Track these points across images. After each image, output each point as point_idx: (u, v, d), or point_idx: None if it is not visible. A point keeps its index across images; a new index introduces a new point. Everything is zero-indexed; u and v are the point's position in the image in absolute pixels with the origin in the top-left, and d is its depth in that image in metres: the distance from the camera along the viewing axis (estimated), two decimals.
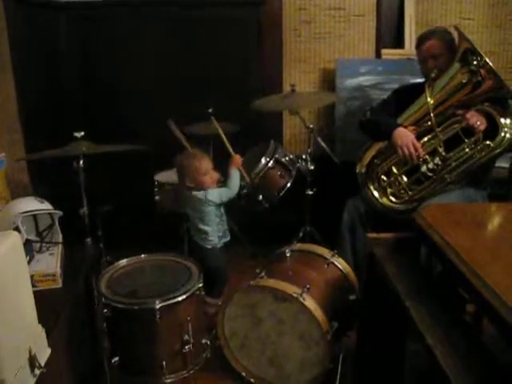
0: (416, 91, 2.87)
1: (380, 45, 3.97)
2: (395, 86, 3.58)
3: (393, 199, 2.96)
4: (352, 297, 2.56)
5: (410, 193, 2.90)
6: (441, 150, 2.74)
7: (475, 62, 2.53)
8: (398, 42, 3.91)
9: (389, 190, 2.97)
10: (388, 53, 3.90)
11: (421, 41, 2.99)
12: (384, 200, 2.97)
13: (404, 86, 3.34)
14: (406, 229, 1.99)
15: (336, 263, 2.64)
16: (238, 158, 2.98)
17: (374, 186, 2.99)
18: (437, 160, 2.75)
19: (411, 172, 2.89)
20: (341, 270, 2.63)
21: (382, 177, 2.97)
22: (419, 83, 3.04)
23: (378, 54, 3.97)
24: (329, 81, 4.01)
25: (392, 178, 2.95)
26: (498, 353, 1.32)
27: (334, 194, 3.29)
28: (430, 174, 2.79)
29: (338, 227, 3.13)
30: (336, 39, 3.99)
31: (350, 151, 3.75)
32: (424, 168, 2.79)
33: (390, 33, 3.97)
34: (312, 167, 3.26)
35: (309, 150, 3.29)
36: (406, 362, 2.18)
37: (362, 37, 3.99)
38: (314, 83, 4.07)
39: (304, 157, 3.29)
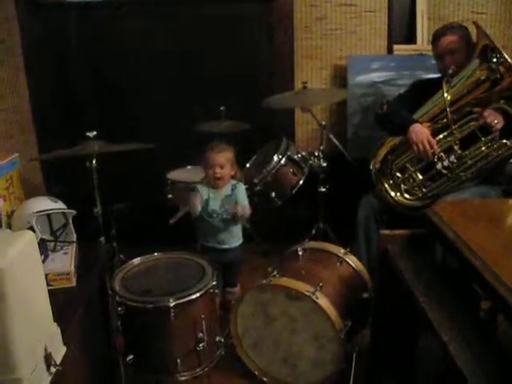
0: (434, 86, 2.84)
1: (392, 40, 3.94)
2: (408, 81, 3.57)
3: (407, 196, 2.94)
4: (365, 295, 2.55)
5: (424, 190, 2.88)
6: (456, 147, 2.72)
7: (494, 59, 2.50)
8: (410, 38, 3.88)
9: (403, 187, 2.95)
10: (400, 48, 3.88)
11: (437, 36, 2.96)
12: (398, 196, 2.96)
13: (422, 80, 3.32)
14: (421, 225, 1.98)
15: (349, 261, 2.63)
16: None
17: (388, 182, 2.98)
18: (452, 158, 2.72)
19: (426, 169, 2.87)
20: (354, 268, 2.62)
21: (397, 173, 2.96)
22: (437, 78, 3.01)
23: (390, 50, 3.95)
24: (340, 77, 4.00)
25: (406, 175, 2.93)
26: None
27: (346, 191, 3.29)
28: (444, 172, 2.77)
29: (352, 224, 3.12)
30: (348, 35, 3.97)
31: (363, 148, 3.74)
32: (439, 165, 2.77)
33: (402, 28, 3.95)
34: (324, 164, 3.25)
35: (321, 147, 3.29)
36: (420, 359, 2.17)
37: (373, 33, 3.97)
38: (325, 80, 4.06)
39: (316, 154, 3.29)
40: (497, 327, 1.41)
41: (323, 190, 3.30)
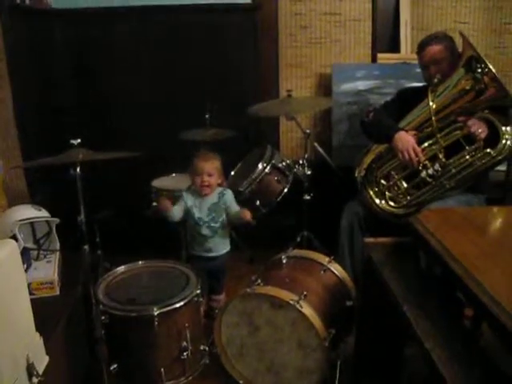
0: (419, 94, 2.86)
1: (376, 49, 3.98)
2: (391, 90, 3.59)
3: (391, 203, 2.95)
4: (349, 303, 2.55)
5: (408, 197, 2.89)
6: (441, 156, 2.74)
7: (479, 69, 2.52)
8: (394, 47, 3.92)
9: (387, 194, 2.96)
10: (384, 57, 3.91)
11: (422, 46, 2.97)
12: (383, 204, 2.97)
13: (407, 88, 3.34)
14: (405, 233, 1.99)
15: (333, 269, 2.63)
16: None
17: (373, 189, 2.98)
18: (437, 166, 2.74)
19: (411, 177, 2.89)
20: (337, 276, 2.62)
21: (381, 181, 2.97)
22: (422, 86, 3.04)
23: (374, 59, 3.98)
24: (325, 86, 4.02)
25: (391, 183, 2.94)
26: (497, 357, 1.32)
27: (331, 199, 3.30)
28: (429, 180, 2.78)
29: (337, 232, 3.13)
30: (332, 44, 4.00)
31: (347, 156, 3.76)
32: (424, 174, 2.78)
33: (386, 37, 3.98)
34: (309, 172, 3.26)
35: (305, 155, 3.30)
36: (405, 366, 2.18)
37: (357, 41, 4.00)
38: (310, 88, 4.08)
39: (301, 162, 3.30)
40: (480, 335, 1.42)
41: (308, 198, 3.31)
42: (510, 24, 4.00)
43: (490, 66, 2.48)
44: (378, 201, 2.97)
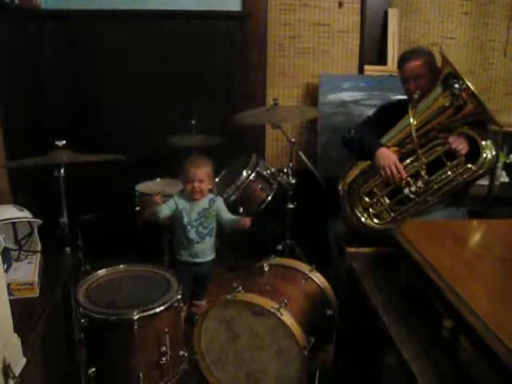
0: (401, 109, 2.86)
1: (363, 61, 4.01)
2: (377, 102, 3.62)
3: (375, 220, 2.94)
4: (329, 312, 2.56)
5: (392, 214, 2.89)
6: (423, 173, 2.74)
7: (457, 86, 2.54)
8: (381, 59, 3.95)
9: (371, 211, 2.95)
10: (371, 69, 3.94)
11: (402, 61, 2.98)
12: (367, 221, 2.95)
13: (389, 102, 3.36)
14: (388, 245, 2.00)
15: (314, 278, 2.64)
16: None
17: (357, 206, 2.96)
18: (419, 183, 2.74)
19: (393, 193, 2.89)
20: (318, 285, 2.63)
21: (365, 198, 2.95)
22: (404, 100, 3.05)
23: (361, 70, 4.01)
24: (312, 96, 4.04)
25: (374, 200, 2.93)
26: (475, 369, 1.33)
27: (314, 208, 3.31)
28: (412, 196, 2.79)
29: (319, 241, 3.13)
30: (320, 55, 4.03)
31: (332, 165, 3.76)
32: (407, 191, 2.78)
33: (373, 49, 4.01)
34: (293, 181, 3.27)
35: (290, 164, 3.31)
36: (383, 377, 2.19)
37: (345, 53, 4.03)
38: (297, 98, 4.10)
39: (285, 170, 3.31)
40: (459, 346, 1.43)
41: (291, 206, 3.31)
42: (494, 41, 4.06)
43: (468, 83, 2.50)
44: (362, 218, 2.96)
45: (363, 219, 2.95)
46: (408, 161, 2.79)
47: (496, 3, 3.98)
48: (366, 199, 2.95)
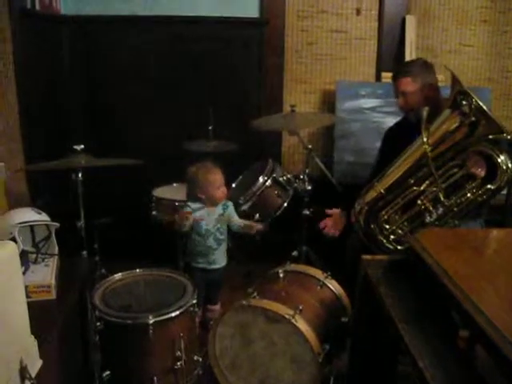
0: (404, 128, 2.84)
1: (380, 68, 4.00)
2: (394, 109, 3.60)
3: (396, 245, 2.83)
4: (344, 319, 2.55)
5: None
6: (442, 197, 2.65)
7: (465, 103, 2.43)
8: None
9: (392, 237, 2.84)
10: (388, 76, 3.91)
11: (395, 75, 2.93)
12: (389, 247, 2.84)
13: (391, 127, 3.21)
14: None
15: (329, 285, 2.63)
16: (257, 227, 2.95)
17: (379, 235, 2.76)
18: (440, 210, 2.66)
19: (413, 218, 2.79)
20: (334, 292, 2.62)
21: (385, 225, 2.84)
22: (403, 120, 3.04)
23: (379, 78, 4.01)
24: (329, 102, 4.04)
25: (394, 227, 2.83)
26: (491, 380, 1.32)
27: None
28: (432, 221, 2.71)
29: (335, 248, 3.10)
30: (337, 61, 4.03)
31: (349, 173, 3.78)
32: (428, 218, 2.70)
33: (391, 57, 4.00)
34: (309, 187, 3.27)
35: (307, 171, 3.31)
36: None
37: (362, 60, 4.03)
38: (314, 104, 4.11)
39: (302, 177, 3.31)
40: (475, 356, 1.42)
41: (307, 213, 3.31)
42: None
43: (479, 101, 2.38)
44: (382, 244, 2.85)
45: (383, 245, 2.84)
46: (424, 185, 2.64)
47: None
48: (387, 226, 2.83)
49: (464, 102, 2.39)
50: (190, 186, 2.92)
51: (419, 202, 2.64)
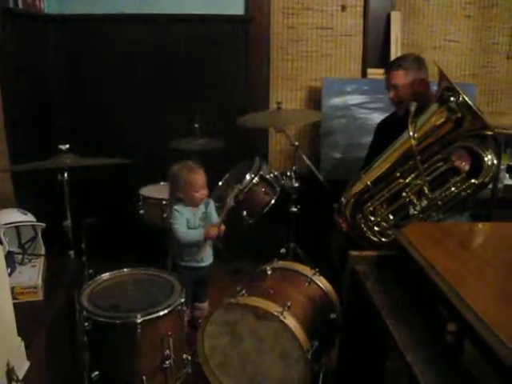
0: (395, 122, 2.86)
1: (366, 64, 4.01)
2: (380, 105, 3.63)
3: (380, 237, 2.85)
4: (333, 315, 2.56)
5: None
6: (427, 190, 2.68)
7: (453, 99, 2.46)
8: (384, 62, 3.93)
9: (376, 229, 2.86)
10: (374, 72, 3.94)
11: (388, 68, 2.99)
12: (373, 239, 2.86)
13: (382, 120, 3.27)
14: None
15: (317, 281, 2.64)
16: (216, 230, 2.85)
17: (360, 224, 2.86)
18: (424, 202, 2.68)
19: (397, 210, 2.81)
20: (322, 289, 2.63)
21: (370, 217, 2.86)
22: (393, 114, 3.08)
23: (364, 74, 4.02)
24: (315, 99, 4.05)
25: (379, 218, 2.84)
26: (478, 373, 1.33)
27: (318, 212, 3.31)
28: (416, 213, 2.73)
29: (323, 245, 3.11)
30: (323, 58, 4.04)
31: (335, 169, 3.79)
32: (411, 210, 2.72)
33: (376, 53, 4.01)
34: (296, 184, 3.28)
35: (294, 168, 3.31)
36: (386, 380, 2.18)
37: (348, 56, 4.04)
38: (300, 101, 4.11)
39: (289, 174, 3.32)
40: (462, 349, 1.43)
41: (295, 209, 3.32)
42: (497, 44, 4.06)
43: (465, 97, 2.41)
44: (372, 238, 2.86)
45: (367, 236, 2.85)
46: (410, 178, 2.70)
47: (499, 6, 3.98)
48: (372, 218, 2.84)
49: (451, 98, 2.41)
50: (172, 185, 2.90)
51: (404, 194, 2.66)
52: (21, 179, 3.33)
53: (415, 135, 2.52)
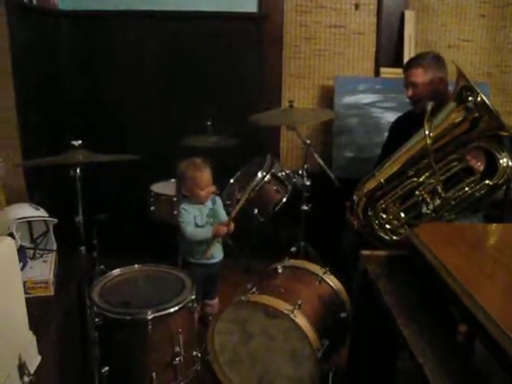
0: (410, 120, 2.84)
1: (379, 63, 4.00)
2: (393, 104, 3.62)
3: (392, 236, 2.83)
4: (343, 314, 2.55)
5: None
6: (440, 189, 2.66)
7: (471, 99, 2.44)
8: (397, 61, 3.93)
9: (387, 227, 2.85)
10: (387, 71, 3.93)
11: (407, 65, 2.98)
12: (384, 237, 2.84)
13: (397, 119, 3.27)
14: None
15: (328, 280, 2.63)
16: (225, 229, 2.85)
17: (375, 223, 2.79)
18: (437, 201, 2.66)
19: (410, 209, 2.79)
20: (332, 288, 2.62)
21: (382, 214, 2.85)
22: (409, 112, 3.07)
23: (377, 73, 4.00)
24: (327, 97, 4.03)
25: (390, 216, 2.83)
26: (489, 374, 1.32)
27: (329, 210, 3.30)
28: (429, 212, 2.71)
29: (334, 244, 3.10)
30: (335, 56, 4.02)
31: (347, 168, 3.78)
32: (424, 209, 2.71)
33: (389, 52, 4.00)
34: (308, 183, 3.27)
35: (305, 166, 3.30)
36: (397, 380, 2.18)
37: (361, 55, 4.02)
38: (312, 99, 4.10)
39: (300, 172, 3.31)
40: (473, 350, 1.42)
41: (306, 208, 3.31)
42: None
43: (484, 97, 2.39)
44: (383, 236, 2.85)
45: (382, 236, 2.84)
46: (424, 177, 2.66)
47: None
48: (383, 216, 2.84)
49: (469, 98, 2.40)
50: (179, 182, 2.90)
51: (417, 192, 2.65)
52: (33, 174, 3.34)
53: (431, 134, 2.51)
